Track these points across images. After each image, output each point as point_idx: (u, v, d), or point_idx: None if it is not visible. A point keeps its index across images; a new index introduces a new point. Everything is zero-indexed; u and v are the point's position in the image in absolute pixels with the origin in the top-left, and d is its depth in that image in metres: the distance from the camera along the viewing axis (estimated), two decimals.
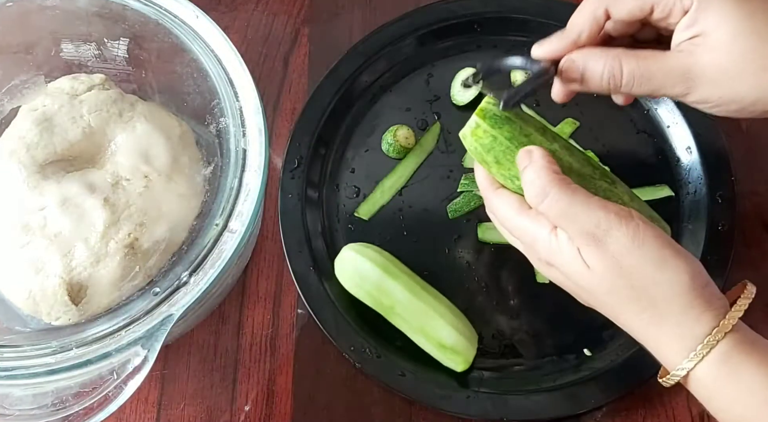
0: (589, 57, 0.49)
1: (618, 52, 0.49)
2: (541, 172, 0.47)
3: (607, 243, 0.45)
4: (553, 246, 0.47)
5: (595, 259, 0.46)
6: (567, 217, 0.46)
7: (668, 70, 0.48)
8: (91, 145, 0.59)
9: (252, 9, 0.76)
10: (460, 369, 0.59)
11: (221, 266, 0.51)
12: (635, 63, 0.48)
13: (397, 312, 0.60)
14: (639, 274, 0.45)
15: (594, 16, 0.49)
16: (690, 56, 0.47)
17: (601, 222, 0.45)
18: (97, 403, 0.48)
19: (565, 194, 0.46)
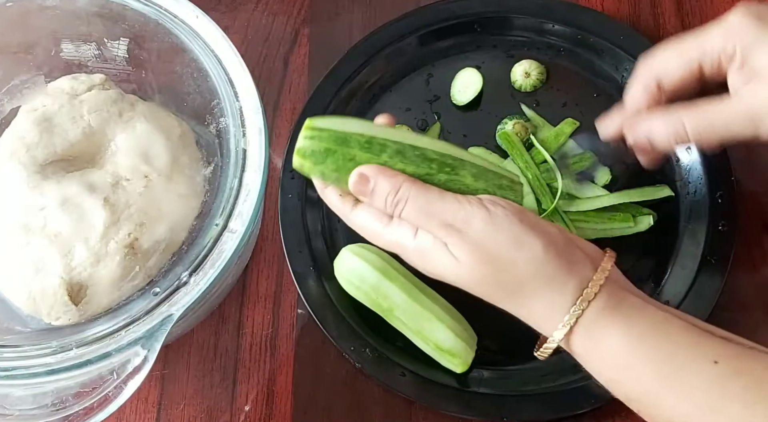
0: (651, 123, 0.51)
1: (679, 112, 0.50)
2: (391, 181, 0.47)
3: (467, 233, 0.46)
4: (421, 248, 0.48)
5: (460, 250, 0.47)
6: (427, 215, 0.47)
7: (731, 116, 0.49)
8: (91, 145, 0.59)
9: (252, 9, 0.76)
10: (459, 370, 0.59)
11: (221, 266, 0.51)
12: (696, 118, 0.50)
13: (396, 314, 0.60)
14: (500, 258, 0.46)
15: (647, 91, 0.51)
16: (749, 98, 0.48)
17: (458, 213, 0.46)
18: (97, 403, 0.48)
19: (420, 193, 0.47)
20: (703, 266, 0.62)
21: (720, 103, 0.49)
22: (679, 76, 0.50)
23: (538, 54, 0.71)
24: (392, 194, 0.47)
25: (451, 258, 0.47)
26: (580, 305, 0.45)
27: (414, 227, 0.48)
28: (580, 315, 0.45)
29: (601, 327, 0.45)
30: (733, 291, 0.63)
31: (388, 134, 0.49)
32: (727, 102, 0.49)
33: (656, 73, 0.51)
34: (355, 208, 0.50)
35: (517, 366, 0.62)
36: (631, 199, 0.65)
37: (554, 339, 0.47)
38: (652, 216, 0.64)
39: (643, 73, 0.52)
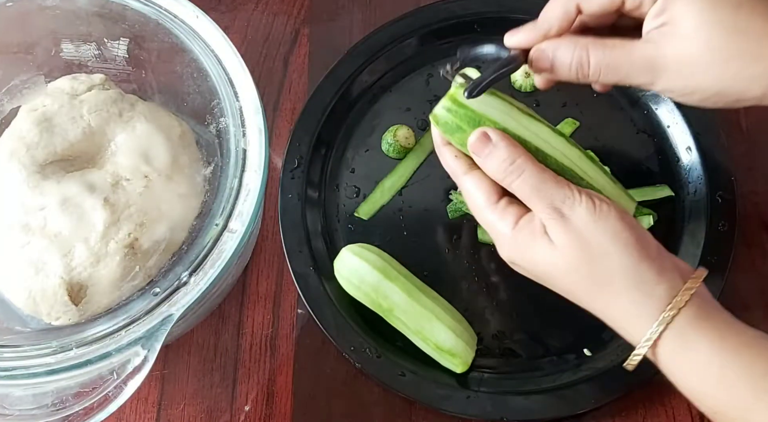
0: (559, 47, 0.50)
1: (587, 42, 0.49)
2: (511, 150, 0.48)
3: (570, 218, 0.47)
4: (516, 238, 0.48)
5: (559, 234, 0.47)
6: (538, 193, 0.47)
7: (634, 59, 0.48)
8: (91, 145, 0.59)
9: (252, 9, 0.76)
10: (459, 370, 0.59)
11: (221, 266, 0.51)
12: (602, 53, 0.49)
13: (396, 314, 0.60)
14: (596, 248, 0.46)
15: (565, 10, 0.50)
16: (656, 46, 0.47)
17: (566, 199, 0.47)
18: (97, 403, 0.48)
19: (535, 171, 0.47)
20: (703, 266, 0.62)
21: (628, 44, 0.48)
22: (600, 2, 0.49)
23: None
24: (508, 161, 0.48)
25: (547, 243, 0.47)
26: (670, 311, 0.45)
27: (517, 218, 0.48)
28: (669, 321, 0.45)
29: (692, 336, 0.45)
30: (733, 291, 0.63)
31: (523, 127, 0.50)
32: (635, 45, 0.48)
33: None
34: (470, 172, 0.50)
35: (517, 367, 0.62)
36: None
37: (644, 345, 0.46)
38: (652, 216, 0.64)
39: None
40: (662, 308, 0.45)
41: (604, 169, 0.53)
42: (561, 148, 0.51)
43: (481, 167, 0.49)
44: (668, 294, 0.45)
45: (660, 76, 0.47)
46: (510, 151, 0.48)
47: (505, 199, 0.49)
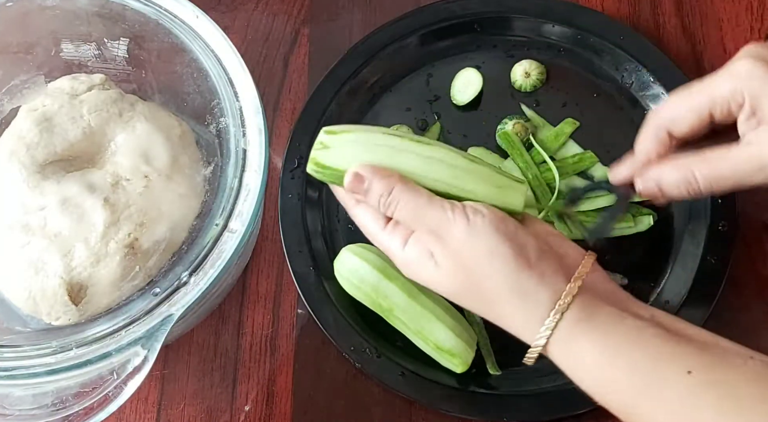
0: (662, 174, 0.52)
1: (688, 162, 0.50)
2: (383, 182, 0.49)
3: (447, 240, 0.48)
4: (407, 259, 0.50)
5: (441, 257, 0.48)
6: (417, 219, 0.49)
7: (741, 165, 0.49)
8: (91, 145, 0.59)
9: (252, 9, 0.76)
10: (459, 370, 0.59)
11: (221, 266, 0.51)
12: (706, 168, 0.50)
13: (396, 314, 0.60)
14: (474, 268, 0.47)
15: (657, 140, 0.52)
16: (758, 146, 0.48)
17: (441, 221, 0.48)
18: (97, 403, 0.48)
19: (409, 197, 0.48)
20: (703, 266, 0.62)
21: (730, 151, 0.49)
22: (689, 124, 0.51)
23: (538, 54, 0.71)
24: (385, 195, 0.49)
25: (434, 266, 0.48)
26: (554, 317, 0.46)
27: (404, 238, 0.49)
28: (554, 326, 0.46)
29: (577, 338, 0.46)
30: (733, 291, 0.63)
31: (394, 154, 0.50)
32: (736, 150, 0.49)
33: (666, 122, 0.52)
34: (358, 204, 0.52)
35: (516, 367, 0.62)
36: (631, 200, 0.65)
37: (533, 349, 0.48)
38: (652, 216, 0.64)
39: (653, 122, 0.53)
40: (546, 314, 0.46)
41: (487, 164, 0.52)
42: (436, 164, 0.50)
43: (369, 205, 0.51)
44: (551, 300, 0.46)
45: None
46: (383, 183, 0.49)
47: (392, 222, 0.50)
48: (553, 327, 0.46)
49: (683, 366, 0.43)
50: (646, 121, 0.54)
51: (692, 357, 0.44)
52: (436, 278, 0.49)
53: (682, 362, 0.43)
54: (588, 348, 0.46)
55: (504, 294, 0.47)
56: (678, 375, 0.43)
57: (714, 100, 0.50)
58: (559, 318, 0.46)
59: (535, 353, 0.48)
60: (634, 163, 0.54)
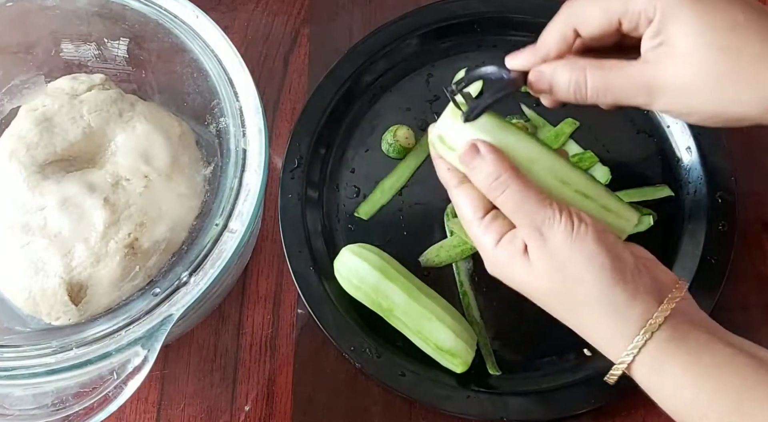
0: (556, 69, 0.50)
1: (584, 64, 0.49)
2: (498, 164, 0.48)
3: (548, 239, 0.47)
4: (497, 257, 0.49)
5: (537, 254, 0.47)
6: (520, 211, 0.48)
7: (631, 80, 0.48)
8: (91, 145, 0.59)
9: (252, 9, 0.76)
10: (459, 371, 0.59)
11: (221, 266, 0.51)
12: (599, 74, 0.49)
13: (396, 314, 0.60)
14: (570, 272, 0.47)
15: (562, 35, 0.50)
16: (653, 66, 0.47)
17: (546, 219, 0.47)
18: (97, 403, 0.48)
19: (519, 188, 0.48)
20: (703, 266, 0.62)
21: (625, 65, 0.48)
22: (597, 25, 0.49)
23: None
24: (493, 176, 0.48)
25: (526, 262, 0.48)
26: (644, 335, 0.45)
27: (500, 234, 0.49)
28: (642, 345, 0.45)
29: (666, 359, 0.45)
30: (733, 291, 0.63)
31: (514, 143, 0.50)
32: (632, 66, 0.48)
33: (576, 18, 0.50)
34: (461, 185, 0.51)
35: (517, 367, 0.62)
36: (631, 199, 0.65)
37: (618, 366, 0.47)
38: (652, 216, 0.64)
39: (563, 17, 0.51)
40: (636, 332, 0.46)
41: (601, 186, 0.52)
42: (552, 167, 0.50)
43: (470, 178, 0.50)
44: (642, 318, 0.46)
45: (657, 97, 0.47)
46: (497, 165, 0.48)
47: (491, 214, 0.50)
48: (641, 346, 0.45)
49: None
50: (557, 14, 0.51)
51: None
52: (526, 276, 0.48)
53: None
54: (677, 370, 0.45)
55: (594, 303, 0.46)
56: None
57: (627, 9, 0.48)
58: (648, 337, 0.45)
59: (619, 370, 0.47)
60: (532, 52, 0.51)
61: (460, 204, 0.51)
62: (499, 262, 0.49)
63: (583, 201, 0.50)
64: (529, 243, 0.48)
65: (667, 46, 0.47)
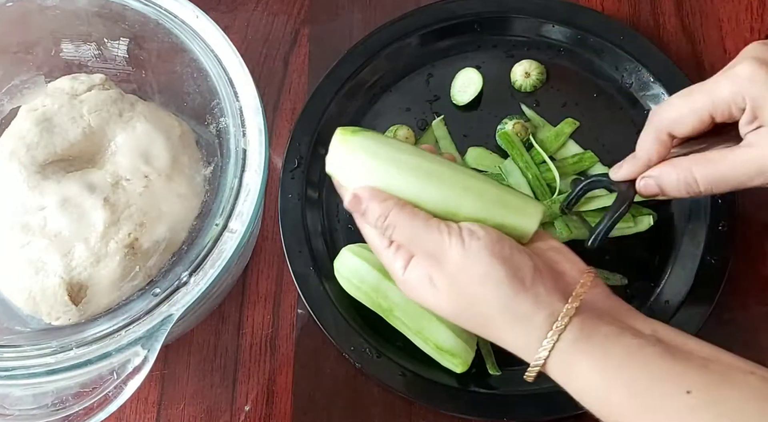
0: (662, 173, 0.52)
1: (689, 162, 0.51)
2: (381, 206, 0.49)
3: (444, 263, 0.48)
4: (407, 281, 0.50)
5: (439, 280, 0.48)
6: (414, 243, 0.49)
7: (741, 168, 0.49)
8: (91, 145, 0.59)
9: (252, 9, 0.76)
10: (459, 370, 0.59)
11: (221, 266, 0.51)
12: (705, 170, 0.50)
13: (396, 314, 0.60)
14: (471, 292, 0.48)
15: (659, 142, 0.52)
16: (759, 149, 0.48)
17: (437, 244, 0.48)
18: (97, 403, 0.48)
19: (406, 221, 0.48)
20: (703, 266, 0.62)
21: (730, 153, 0.49)
22: (690, 126, 0.51)
23: (538, 54, 0.71)
24: (382, 219, 0.49)
25: (433, 289, 0.49)
26: (551, 338, 0.46)
27: (406, 260, 0.50)
28: (551, 348, 0.46)
29: (575, 358, 0.46)
30: (733, 291, 0.63)
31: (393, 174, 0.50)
32: (737, 152, 0.49)
33: (667, 123, 0.52)
34: None
35: (517, 367, 0.62)
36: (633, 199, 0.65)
37: (532, 368, 0.47)
38: (652, 216, 0.64)
39: (654, 123, 0.53)
40: (543, 336, 0.46)
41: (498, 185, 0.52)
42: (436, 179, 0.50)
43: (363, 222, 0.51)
44: (548, 322, 0.46)
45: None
46: (381, 206, 0.49)
47: (396, 243, 0.50)
48: (550, 348, 0.46)
49: (682, 385, 0.43)
50: (648, 121, 0.54)
51: (692, 376, 0.43)
52: (435, 301, 0.49)
53: (681, 381, 0.43)
54: (587, 367, 0.45)
55: (499, 317, 0.47)
56: (677, 395, 0.43)
57: (715, 103, 0.49)
58: (556, 339, 0.46)
59: (534, 372, 0.48)
60: (635, 163, 0.54)
61: (368, 234, 0.52)
62: (410, 287, 0.50)
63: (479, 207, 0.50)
64: (429, 271, 0.49)
65: (766, 126, 0.48)
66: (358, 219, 0.53)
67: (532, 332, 0.47)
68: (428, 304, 0.50)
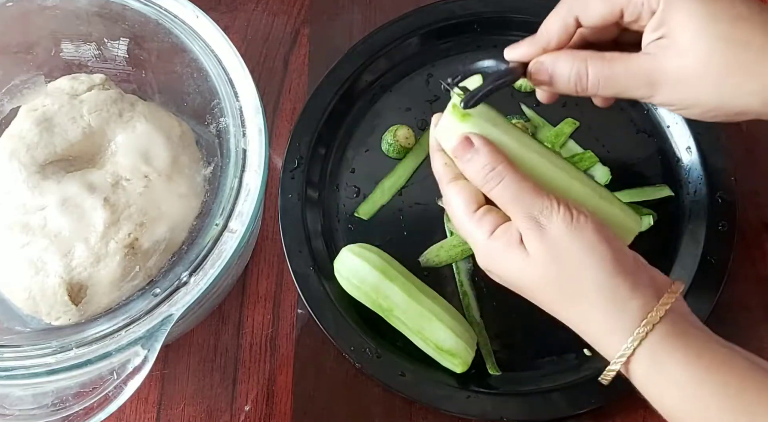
0: (558, 59, 0.50)
1: (586, 55, 0.49)
2: (492, 156, 0.47)
3: (546, 228, 0.46)
4: (490, 249, 0.48)
5: (534, 244, 0.46)
6: (516, 201, 0.47)
7: (633, 72, 0.48)
8: (91, 145, 0.59)
9: (252, 9, 0.76)
10: (459, 371, 0.59)
11: (221, 266, 0.51)
12: (600, 65, 0.48)
13: (396, 314, 0.60)
14: (570, 260, 0.46)
15: (564, 24, 0.50)
16: (654, 59, 0.47)
17: (544, 209, 0.46)
18: (97, 403, 0.48)
19: (515, 179, 0.47)
20: (703, 266, 0.62)
21: (627, 57, 0.48)
22: (599, 15, 0.49)
23: None
24: (488, 168, 0.47)
25: (522, 252, 0.47)
26: (645, 327, 0.44)
27: (493, 226, 0.48)
28: (643, 337, 0.44)
29: (666, 353, 0.44)
30: (733, 291, 0.63)
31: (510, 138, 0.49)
32: (633, 58, 0.48)
33: (578, 8, 0.49)
34: (454, 181, 0.50)
35: (517, 367, 0.62)
36: (631, 199, 0.65)
37: (616, 361, 0.45)
38: (652, 216, 0.64)
39: (564, 6, 0.50)
40: (636, 324, 0.45)
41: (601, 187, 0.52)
42: (548, 162, 0.50)
43: (462, 172, 0.49)
44: (642, 310, 0.45)
45: (658, 89, 0.47)
46: (491, 157, 0.47)
47: (484, 208, 0.49)
48: (642, 338, 0.44)
49: None
50: (559, 3, 0.51)
51: None
52: (522, 267, 0.47)
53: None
54: (680, 364, 0.44)
55: (594, 293, 0.45)
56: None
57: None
58: (650, 329, 0.44)
59: (617, 365, 0.45)
60: (533, 42, 0.51)
61: (451, 199, 0.50)
62: (492, 253, 0.48)
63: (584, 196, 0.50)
64: (526, 234, 0.47)
65: (669, 37, 0.46)
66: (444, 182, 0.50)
67: (623, 318, 0.45)
68: (511, 270, 0.48)
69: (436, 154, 0.52)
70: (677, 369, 0.44)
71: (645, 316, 0.44)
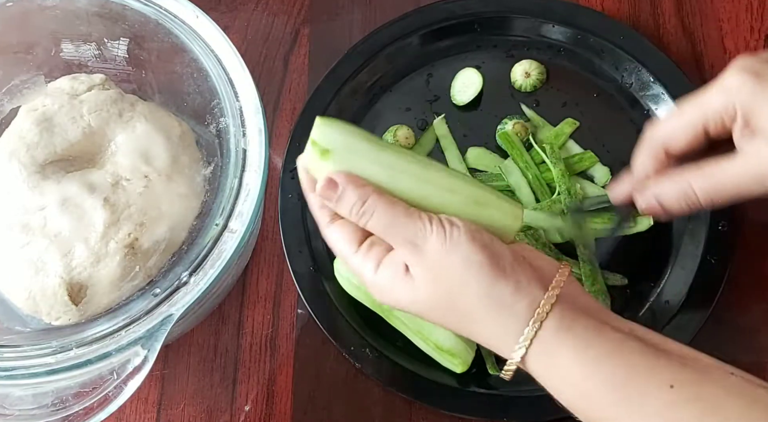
0: (661, 189, 0.52)
1: (686, 175, 0.51)
2: (358, 191, 0.47)
3: (424, 250, 0.46)
4: (379, 283, 0.48)
5: (417, 269, 0.46)
6: (392, 229, 0.46)
7: (738, 176, 0.49)
8: (91, 145, 0.59)
9: (252, 9, 0.76)
10: (459, 370, 0.59)
11: (221, 266, 0.51)
12: (702, 180, 0.50)
13: (396, 314, 0.60)
14: (450, 277, 0.46)
15: (655, 158, 0.52)
16: (754, 157, 0.48)
17: (418, 231, 0.46)
18: (97, 403, 0.48)
19: (385, 207, 0.47)
20: (703, 266, 0.62)
21: (726, 163, 0.49)
22: (685, 140, 0.51)
23: (538, 54, 0.71)
24: (359, 205, 0.47)
25: (408, 280, 0.47)
26: (533, 326, 0.44)
27: (378, 260, 0.48)
28: (533, 336, 0.45)
29: (557, 349, 0.45)
30: (733, 291, 0.63)
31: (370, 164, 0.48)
32: (733, 162, 0.49)
33: (662, 140, 0.52)
34: (331, 223, 0.50)
35: None
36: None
37: (512, 361, 0.46)
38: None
39: (648, 141, 0.53)
40: (523, 325, 0.45)
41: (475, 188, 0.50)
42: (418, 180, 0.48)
43: (337, 211, 0.49)
44: (529, 309, 0.45)
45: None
46: (358, 193, 0.47)
47: (367, 243, 0.48)
48: (532, 337, 0.45)
49: (665, 380, 0.42)
50: (642, 140, 0.54)
51: (674, 372, 0.43)
52: (410, 294, 0.47)
53: (663, 376, 0.43)
54: (569, 358, 0.44)
55: (479, 304, 0.46)
56: (659, 389, 0.42)
57: (707, 115, 0.50)
58: (538, 327, 0.44)
59: (513, 366, 0.46)
60: (632, 180, 0.54)
61: (334, 240, 0.49)
62: (382, 287, 0.48)
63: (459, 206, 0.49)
64: (408, 259, 0.47)
65: (759, 133, 0.48)
66: (323, 225, 0.50)
67: (513, 322, 0.45)
68: (402, 301, 0.48)
69: (310, 197, 0.51)
70: (567, 364, 0.44)
71: (533, 314, 0.45)
